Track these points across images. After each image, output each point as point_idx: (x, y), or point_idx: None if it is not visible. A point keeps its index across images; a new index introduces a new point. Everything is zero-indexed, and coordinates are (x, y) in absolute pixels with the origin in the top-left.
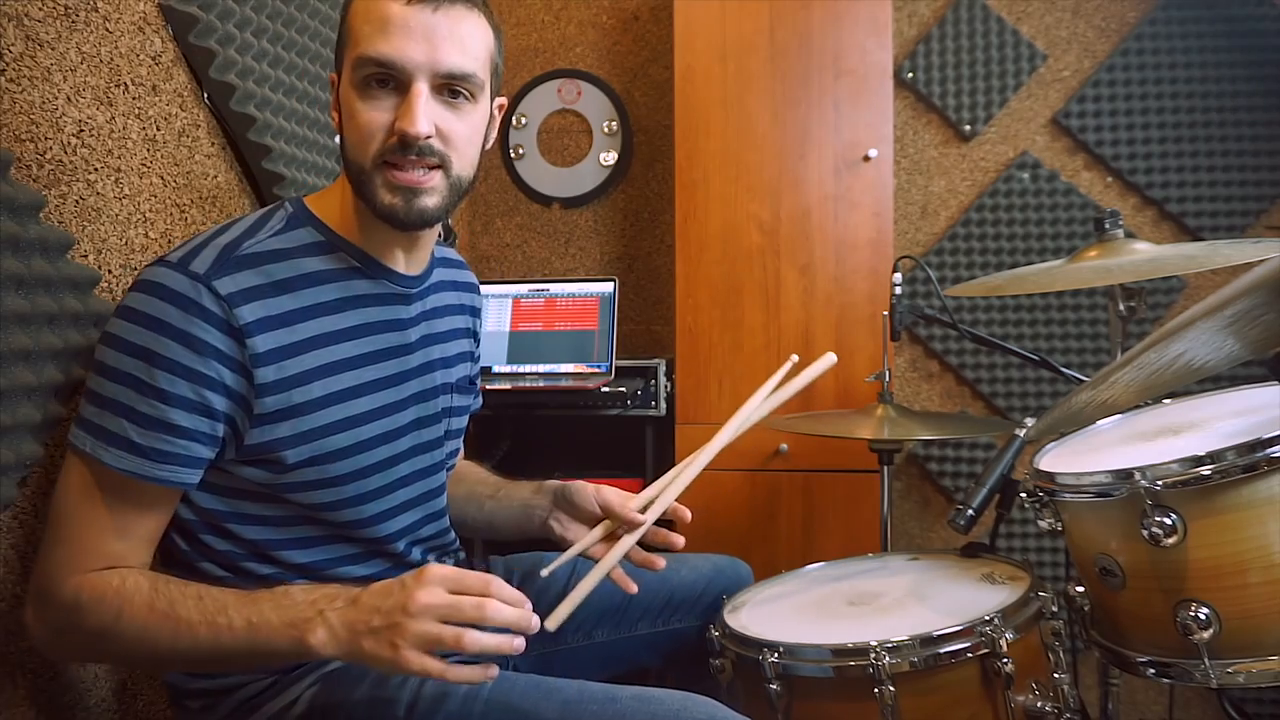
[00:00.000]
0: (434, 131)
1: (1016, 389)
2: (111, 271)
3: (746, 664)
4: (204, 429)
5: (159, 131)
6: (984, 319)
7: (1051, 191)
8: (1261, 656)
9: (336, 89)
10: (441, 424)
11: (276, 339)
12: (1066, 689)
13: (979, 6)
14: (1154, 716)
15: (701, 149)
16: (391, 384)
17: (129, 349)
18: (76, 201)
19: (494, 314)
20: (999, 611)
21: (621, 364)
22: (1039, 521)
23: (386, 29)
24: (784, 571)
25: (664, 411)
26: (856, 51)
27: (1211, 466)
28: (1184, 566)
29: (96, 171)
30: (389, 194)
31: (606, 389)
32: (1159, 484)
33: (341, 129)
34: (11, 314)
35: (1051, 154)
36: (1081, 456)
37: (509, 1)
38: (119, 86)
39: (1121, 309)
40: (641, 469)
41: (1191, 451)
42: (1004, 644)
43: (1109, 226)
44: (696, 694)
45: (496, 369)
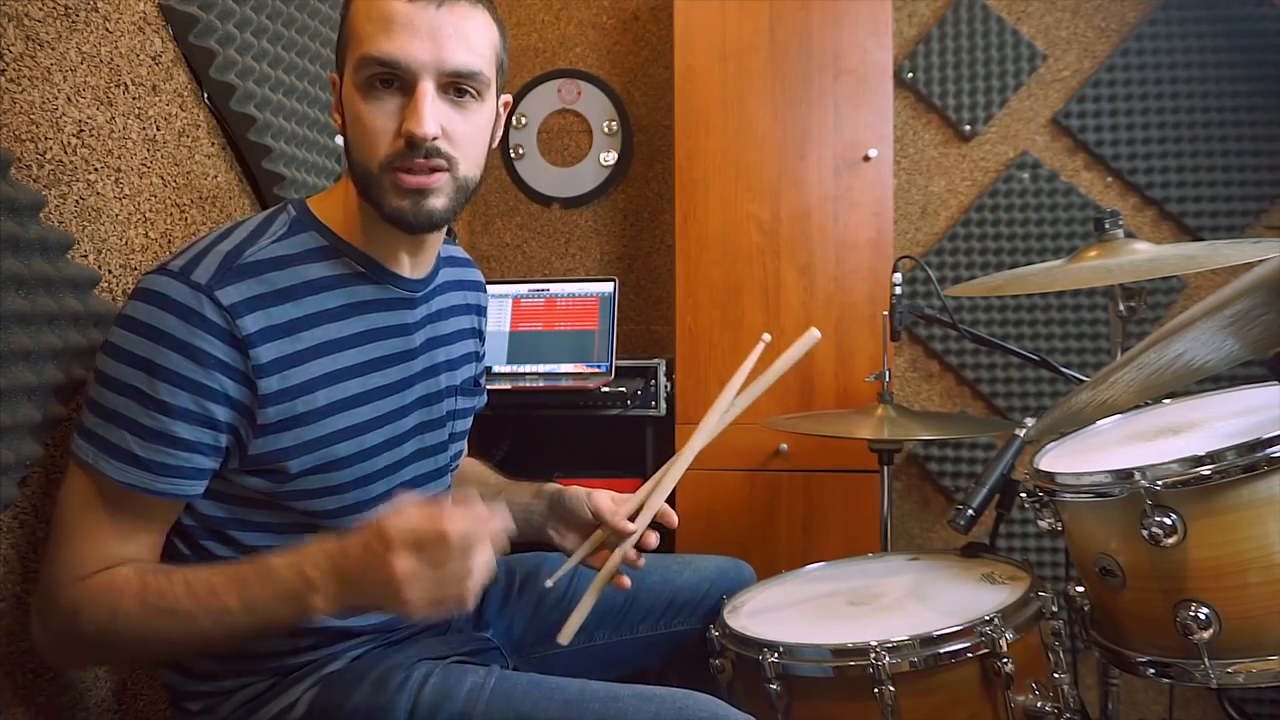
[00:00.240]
0: (441, 132)
1: (1016, 389)
2: (111, 271)
3: (746, 664)
4: (207, 440)
5: (159, 131)
6: (984, 319)
7: (1051, 191)
8: (1261, 656)
9: (338, 90)
10: (445, 428)
11: (280, 348)
12: (1066, 689)
13: (979, 6)
14: (1154, 716)
15: (701, 149)
16: (395, 390)
17: (130, 359)
18: (76, 201)
19: (494, 314)
20: (999, 611)
21: (621, 364)
22: (1039, 521)
23: (390, 27)
24: (784, 571)
25: (664, 411)
26: (856, 51)
27: (1211, 466)
28: (1184, 566)
29: (96, 171)
30: (397, 197)
31: (606, 389)
32: (1159, 484)
33: (345, 130)
34: (11, 314)
35: (1051, 154)
36: (1081, 456)
37: (509, 1)
38: (119, 86)
39: (1121, 309)
40: (641, 469)
41: (1191, 451)
42: (1004, 644)
43: (1109, 226)
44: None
45: (497, 369)
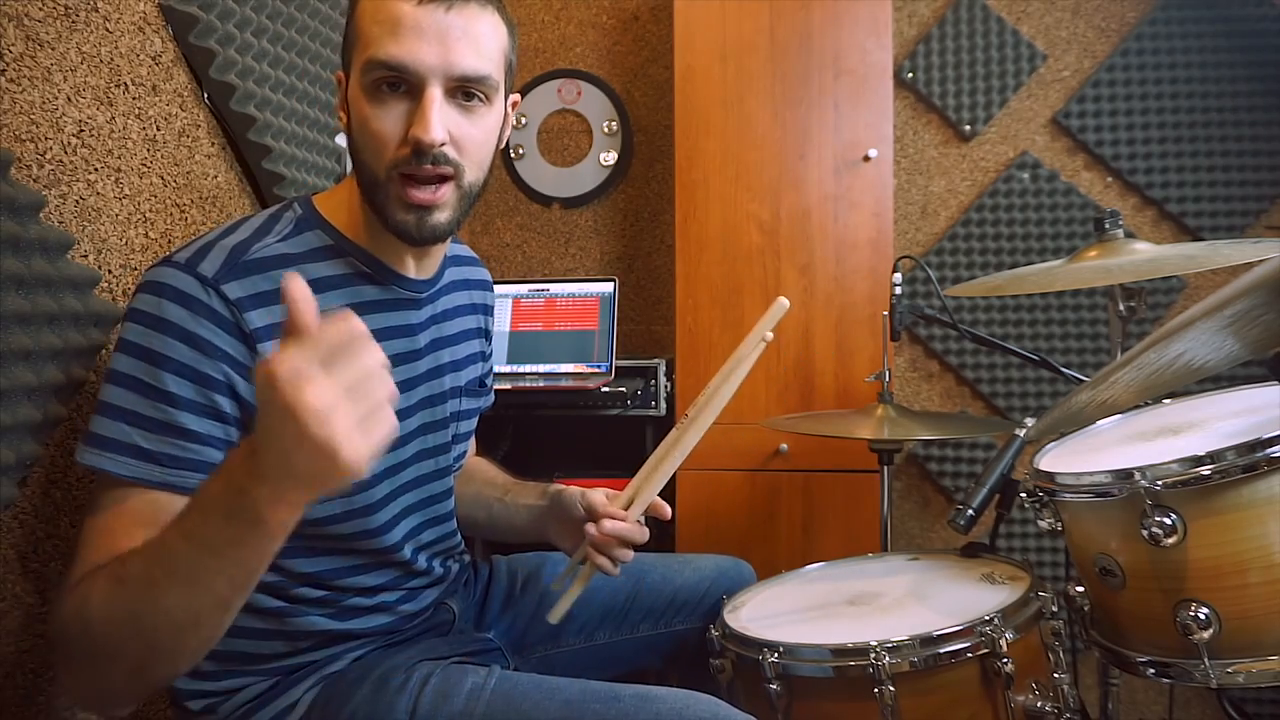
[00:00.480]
0: (448, 138)
1: (1016, 389)
2: (111, 271)
3: (746, 664)
4: (216, 433)
5: (159, 131)
6: (984, 319)
7: (1051, 191)
8: (1261, 656)
9: (343, 89)
10: (449, 429)
11: None
12: (1066, 689)
13: (979, 6)
14: (1154, 716)
15: (701, 149)
16: (399, 390)
17: (132, 350)
18: (76, 201)
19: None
20: (999, 611)
21: (621, 364)
22: (1039, 521)
23: (397, 30)
24: (784, 571)
25: (664, 411)
26: (856, 51)
27: (1211, 466)
28: (1184, 566)
29: (96, 171)
30: (402, 211)
31: (606, 389)
32: (1159, 484)
33: (350, 131)
34: (11, 314)
35: (1051, 154)
36: (1081, 456)
37: (509, 1)
38: (119, 86)
39: (1121, 309)
40: None
41: (1191, 451)
42: (1004, 644)
43: (1109, 226)
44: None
45: (497, 369)
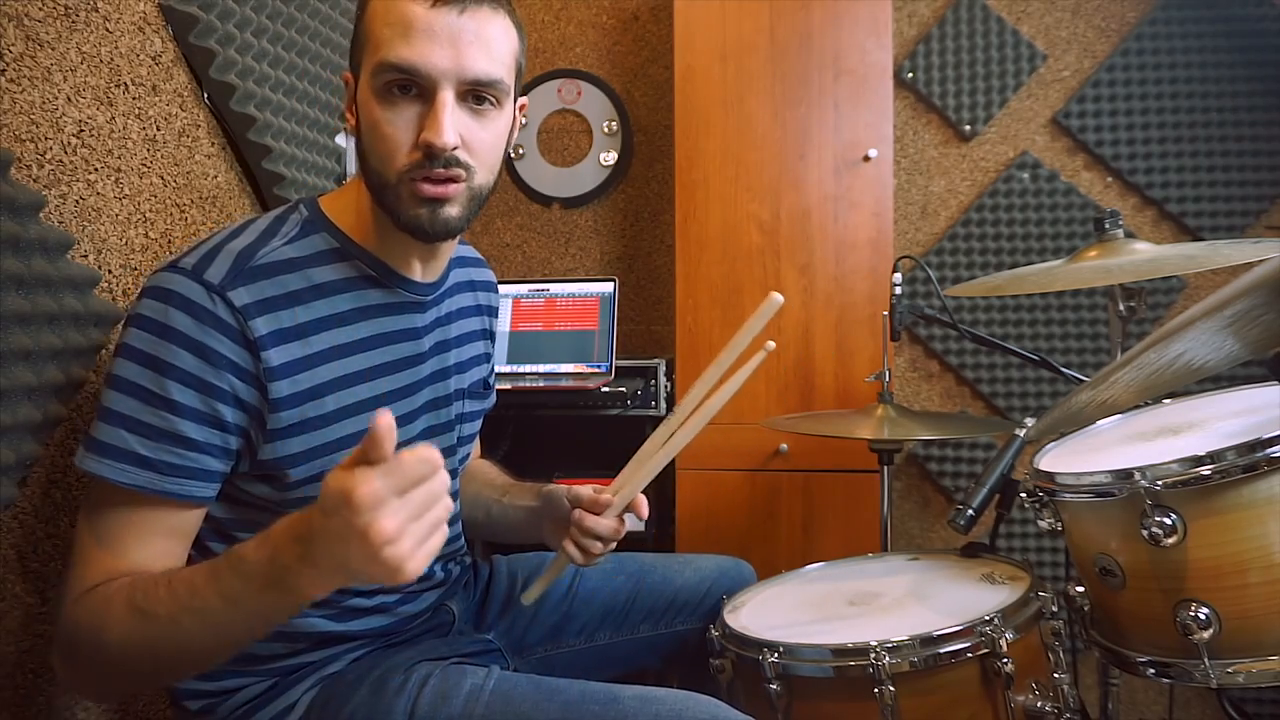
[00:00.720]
0: (460, 142)
1: (1016, 389)
2: (111, 271)
3: (746, 664)
4: (216, 442)
5: (159, 131)
6: (984, 319)
7: (1051, 191)
8: (1261, 656)
9: (352, 90)
10: (453, 431)
11: (290, 352)
12: (1066, 689)
13: (979, 6)
14: (1154, 716)
15: (701, 149)
16: (404, 395)
17: (137, 357)
18: (76, 201)
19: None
20: (999, 611)
21: (621, 364)
22: (1039, 521)
23: (409, 33)
24: (784, 571)
25: (664, 411)
26: (856, 51)
27: (1211, 466)
28: (1184, 566)
29: (96, 171)
30: (414, 206)
31: (606, 389)
32: (1159, 484)
33: (359, 133)
34: (11, 314)
35: (1051, 154)
36: (1081, 456)
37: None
38: (119, 86)
39: (1121, 309)
40: None
41: (1191, 451)
42: (1004, 644)
43: (1109, 226)
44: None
45: (497, 369)
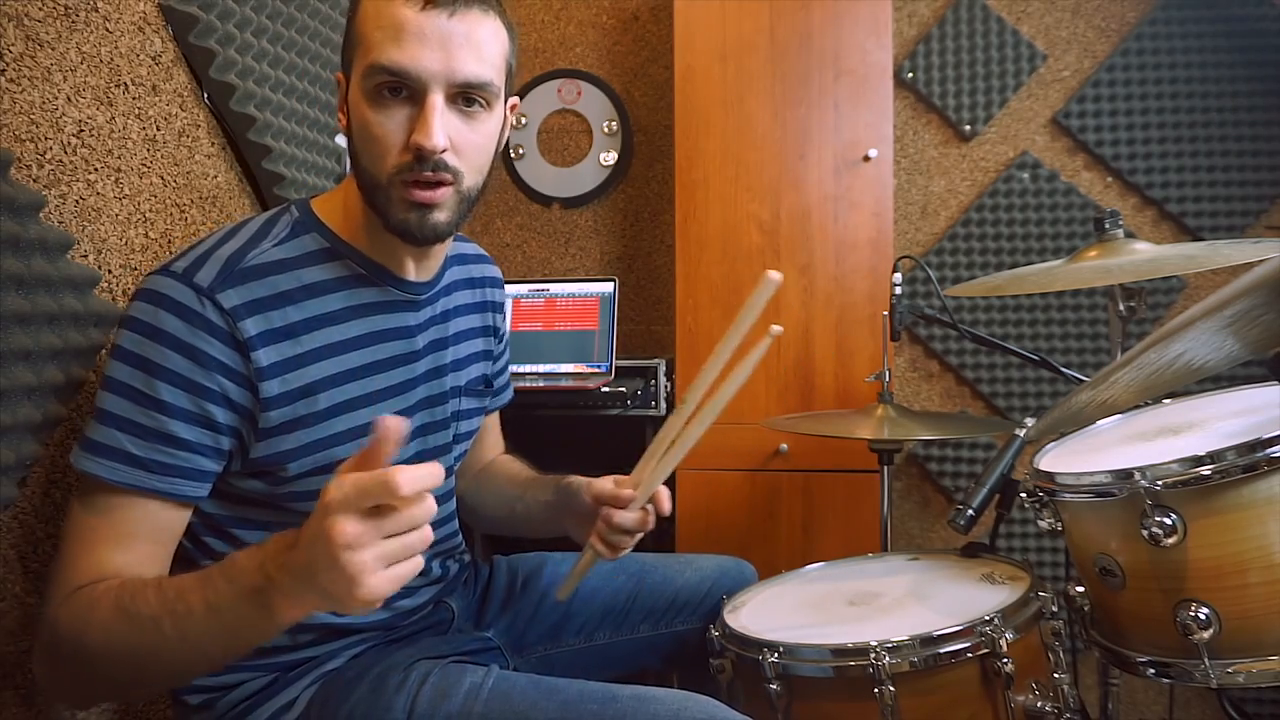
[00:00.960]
0: (449, 144)
1: (1016, 389)
2: (111, 271)
3: (746, 664)
4: (207, 442)
5: (159, 131)
6: (984, 319)
7: (1051, 191)
8: (1261, 656)
9: (344, 90)
10: (450, 429)
11: (280, 351)
12: (1066, 689)
13: (979, 6)
14: (1154, 716)
15: (701, 149)
16: (398, 392)
17: (128, 359)
18: (76, 201)
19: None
20: (999, 611)
21: (621, 364)
22: (1039, 521)
23: (400, 36)
24: (784, 571)
25: (664, 411)
26: (856, 51)
27: (1211, 466)
28: (1184, 566)
29: (96, 171)
30: (403, 210)
31: (606, 389)
32: (1159, 484)
33: (351, 134)
34: (11, 314)
35: (1051, 154)
36: (1081, 456)
37: (509, 2)
38: (119, 86)
39: (1121, 309)
40: None
41: (1191, 451)
42: (1004, 644)
43: (1109, 226)
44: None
45: None
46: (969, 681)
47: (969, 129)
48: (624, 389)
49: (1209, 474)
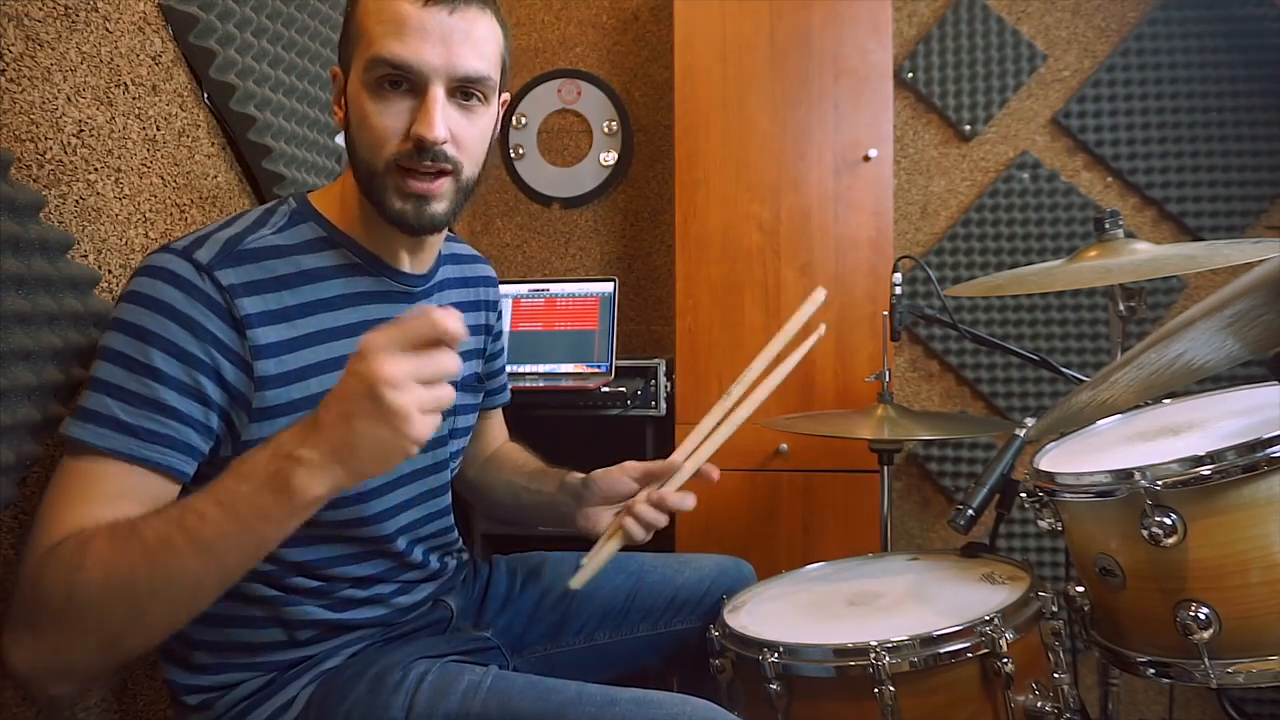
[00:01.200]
0: (449, 136)
1: (1016, 389)
2: (111, 271)
3: (746, 664)
4: (197, 415)
5: (159, 131)
6: (984, 319)
7: (1051, 191)
8: (1261, 656)
9: (342, 85)
10: (445, 422)
11: (277, 333)
12: (1066, 689)
13: (979, 6)
14: (1154, 716)
15: (701, 149)
16: None
17: (125, 328)
18: (76, 201)
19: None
20: (999, 611)
21: (621, 364)
22: (1039, 521)
23: (402, 30)
24: (784, 571)
25: (664, 411)
26: (856, 51)
27: (1211, 466)
28: (1184, 566)
29: (96, 171)
30: (399, 200)
31: (606, 389)
32: (1159, 484)
33: (348, 127)
34: (11, 314)
35: (1051, 154)
36: (1081, 456)
37: (509, 1)
38: (119, 86)
39: (1121, 309)
40: None
41: (1191, 451)
42: (1004, 644)
43: (1109, 226)
44: (695, 697)
45: None
46: (969, 681)
47: (969, 129)
48: (624, 389)
49: (1209, 474)
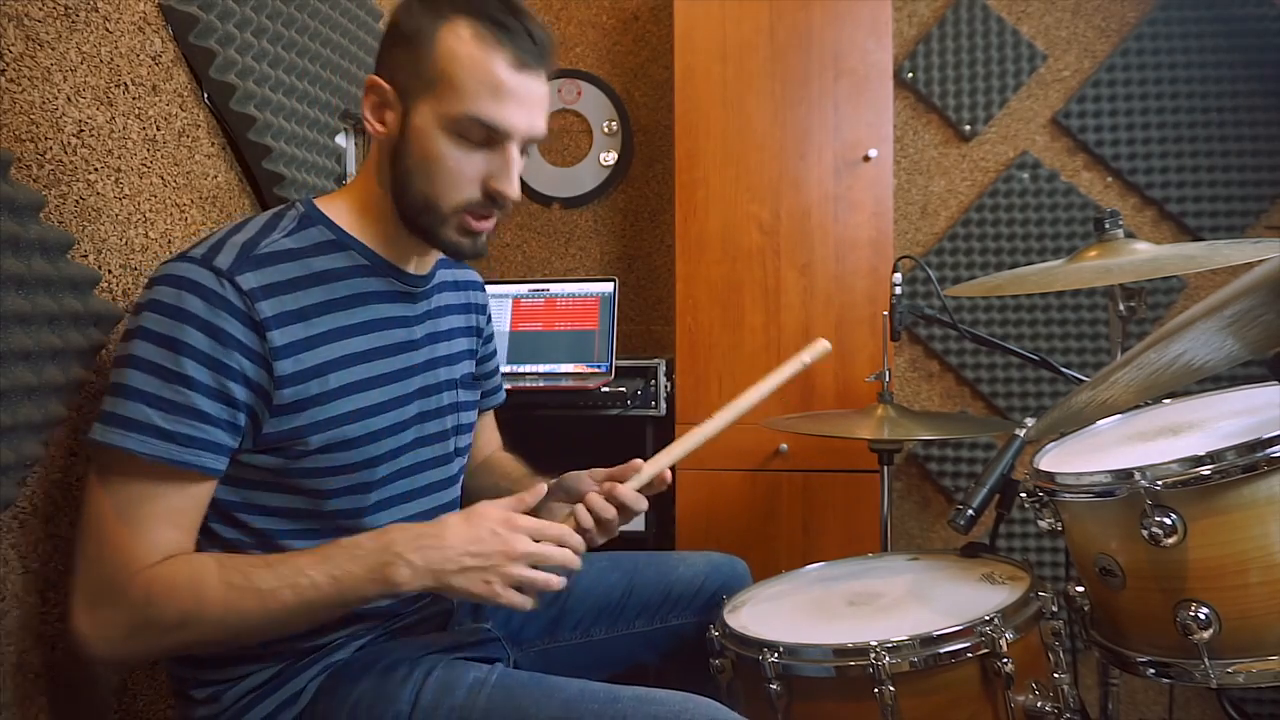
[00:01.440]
0: None
1: (1016, 389)
2: (111, 271)
3: (746, 664)
4: (226, 417)
5: (159, 131)
6: (984, 319)
7: (1051, 191)
8: (1261, 656)
9: (390, 100)
10: (448, 419)
11: (293, 333)
12: (1066, 689)
13: (979, 6)
14: (1154, 716)
15: (701, 149)
16: (399, 378)
17: (154, 339)
18: (76, 201)
19: (494, 314)
20: (999, 611)
21: (621, 364)
22: (1039, 521)
23: (499, 94)
24: (784, 571)
25: (664, 411)
26: (856, 51)
27: (1211, 466)
28: (1184, 566)
29: (96, 171)
30: (459, 234)
31: (606, 389)
32: (1159, 484)
33: (406, 155)
34: (11, 314)
35: (1051, 154)
36: (1081, 456)
37: None
38: (119, 86)
39: (1121, 309)
40: None
41: (1191, 451)
42: (1004, 644)
43: (1109, 226)
44: (697, 695)
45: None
46: (969, 681)
47: (969, 129)
48: (624, 389)
49: (1209, 474)
